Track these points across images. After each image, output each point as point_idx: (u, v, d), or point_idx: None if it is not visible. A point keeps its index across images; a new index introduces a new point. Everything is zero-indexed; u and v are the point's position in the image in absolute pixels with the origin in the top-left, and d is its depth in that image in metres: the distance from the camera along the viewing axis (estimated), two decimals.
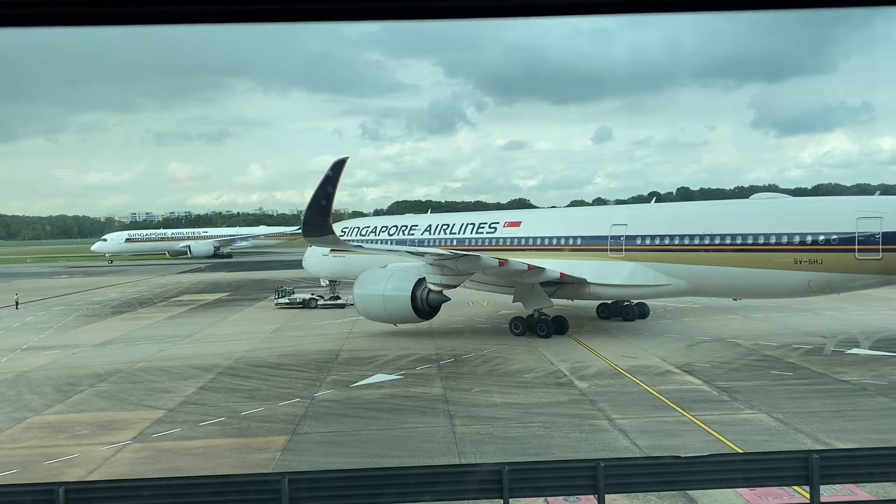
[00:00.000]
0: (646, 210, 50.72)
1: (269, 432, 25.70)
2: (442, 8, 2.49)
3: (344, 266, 53.87)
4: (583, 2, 2.49)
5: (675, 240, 39.99)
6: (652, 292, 42.05)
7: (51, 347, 44.80)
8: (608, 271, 41.61)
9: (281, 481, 14.07)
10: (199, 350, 42.46)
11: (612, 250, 41.70)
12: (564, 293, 43.78)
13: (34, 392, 32.90)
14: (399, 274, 41.44)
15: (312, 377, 34.17)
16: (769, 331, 42.63)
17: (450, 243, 48.70)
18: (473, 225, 50.00)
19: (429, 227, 52.60)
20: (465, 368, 35.09)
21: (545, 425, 25.52)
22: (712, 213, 43.14)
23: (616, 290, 42.45)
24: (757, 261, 37.00)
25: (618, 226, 42.24)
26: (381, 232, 54.85)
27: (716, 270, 38.45)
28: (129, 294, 78.27)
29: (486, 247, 47.05)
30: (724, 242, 38.11)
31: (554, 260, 42.96)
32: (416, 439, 24.56)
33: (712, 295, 44.41)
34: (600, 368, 34.05)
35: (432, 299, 40.67)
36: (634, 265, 40.90)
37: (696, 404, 27.30)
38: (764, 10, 2.57)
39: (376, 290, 41.19)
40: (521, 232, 47.18)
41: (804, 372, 32.41)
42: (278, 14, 2.49)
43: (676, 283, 40.06)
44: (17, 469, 22.52)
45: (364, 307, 42.14)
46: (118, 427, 26.93)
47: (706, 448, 21.50)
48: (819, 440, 22.93)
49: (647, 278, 40.62)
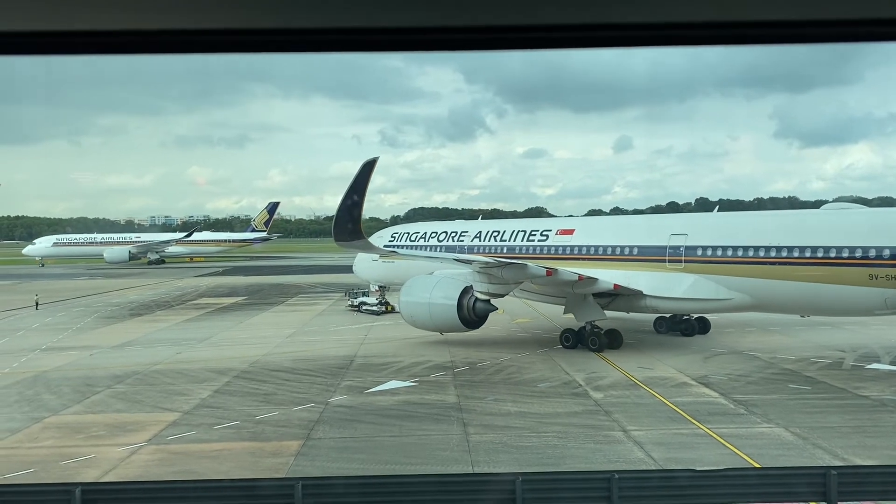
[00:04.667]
0: (707, 219, 47.72)
1: (284, 437, 25.77)
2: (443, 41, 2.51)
3: (392, 271, 52.81)
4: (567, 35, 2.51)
5: (738, 251, 37.66)
6: (713, 306, 39.85)
7: (69, 348, 45.23)
8: (666, 283, 39.60)
9: (295, 486, 14.11)
10: (215, 353, 42.71)
11: (671, 261, 39.67)
12: (619, 305, 41.59)
13: (52, 392, 33.22)
14: (445, 282, 40.38)
15: (327, 382, 34.25)
16: (787, 344, 42.21)
17: (500, 251, 47.55)
18: (525, 232, 48.51)
19: (478, 233, 51.37)
20: (480, 377, 35.03)
21: (559, 435, 25.40)
22: (780, 223, 40.61)
23: (674, 304, 40.43)
24: (828, 276, 34.48)
25: (677, 235, 40.19)
26: (431, 238, 53.73)
27: (783, 285, 36.06)
28: (148, 296, 78.91)
29: (538, 255, 45.31)
30: (793, 255, 35.64)
31: (608, 270, 41.05)
32: (430, 447, 24.53)
33: (778, 311, 41.48)
34: (616, 379, 33.87)
35: (479, 308, 39.54)
36: (695, 277, 38.78)
37: (713, 417, 27.07)
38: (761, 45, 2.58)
39: (422, 297, 40.25)
40: (574, 240, 45.41)
41: (823, 386, 32.05)
42: (289, 45, 2.52)
43: (740, 297, 37.84)
44: (34, 468, 22.71)
45: (410, 315, 41.19)
46: (134, 429, 27.12)
47: (722, 462, 21.30)
48: (837, 456, 22.65)
49: (707, 292, 38.47)
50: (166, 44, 2.49)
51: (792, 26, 2.46)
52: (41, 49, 2.51)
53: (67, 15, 2.38)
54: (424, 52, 2.59)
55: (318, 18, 2.40)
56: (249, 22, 2.42)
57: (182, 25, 2.41)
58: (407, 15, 2.39)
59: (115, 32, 2.43)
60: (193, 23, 2.41)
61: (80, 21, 2.40)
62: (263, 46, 2.52)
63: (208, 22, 2.41)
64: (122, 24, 2.42)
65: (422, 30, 2.45)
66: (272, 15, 2.40)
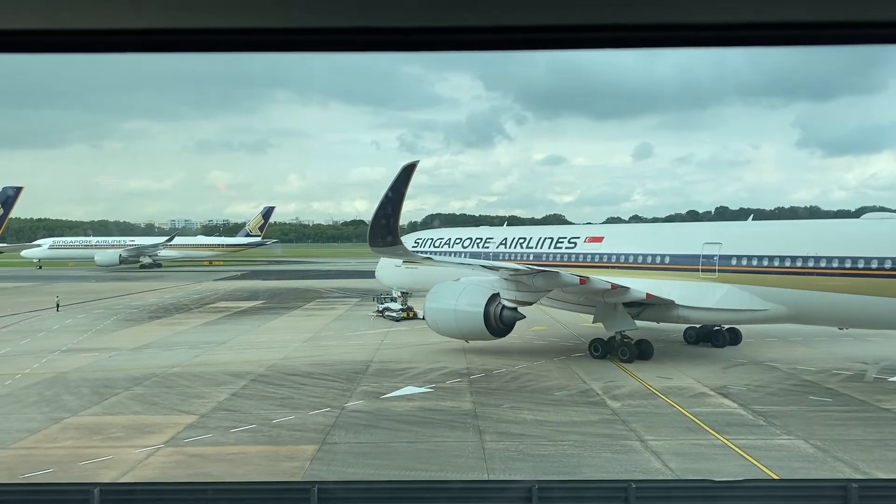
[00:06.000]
0: (742, 228, 46.59)
1: (300, 441, 25.82)
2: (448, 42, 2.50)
3: (415, 277, 52.25)
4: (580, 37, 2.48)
5: (775, 261, 36.55)
6: (747, 317, 38.64)
7: (89, 350, 45.64)
8: (699, 293, 38.55)
9: (311, 490, 14.11)
10: (232, 357, 42.92)
11: (704, 270, 38.66)
12: (649, 315, 40.62)
13: (71, 393, 33.52)
14: (472, 289, 39.61)
15: (343, 387, 34.29)
16: (808, 355, 41.71)
17: (526, 258, 46.83)
18: (552, 239, 47.53)
19: (504, 240, 50.71)
20: (496, 384, 34.91)
21: (576, 444, 25.25)
22: (819, 233, 39.35)
23: (707, 314, 39.32)
24: (871, 287, 33.29)
25: (711, 244, 39.17)
26: (455, 244, 53.05)
27: (822, 296, 34.81)
28: (167, 299, 79.50)
29: (566, 262, 44.57)
30: (833, 266, 34.45)
31: (639, 279, 40.17)
32: (445, 453, 24.47)
33: (815, 322, 40.18)
34: (633, 388, 33.62)
35: (506, 316, 38.63)
36: (728, 287, 37.74)
37: (731, 428, 26.79)
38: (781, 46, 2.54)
39: (448, 304, 39.36)
40: (603, 248, 44.39)
41: (844, 398, 31.62)
42: (295, 44, 2.52)
43: (776, 308, 36.76)
44: (53, 468, 22.91)
45: (435, 322, 40.37)
46: (151, 431, 27.29)
47: (740, 473, 21.05)
48: (859, 469, 22.33)
49: (742, 302, 37.43)
50: (168, 43, 2.50)
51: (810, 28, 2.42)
52: (42, 48, 2.53)
53: (68, 14, 2.39)
54: (437, 52, 2.58)
55: (332, 18, 2.40)
56: (263, 21, 2.42)
57: (184, 24, 2.42)
58: (419, 15, 2.39)
59: (117, 31, 2.44)
60: (200, 22, 2.41)
61: (80, 20, 2.41)
62: (281, 46, 2.52)
63: (214, 21, 2.41)
64: (123, 24, 2.43)
65: (436, 30, 2.44)
66: (288, 14, 2.40)
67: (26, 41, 2.51)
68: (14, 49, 2.53)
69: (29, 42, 2.52)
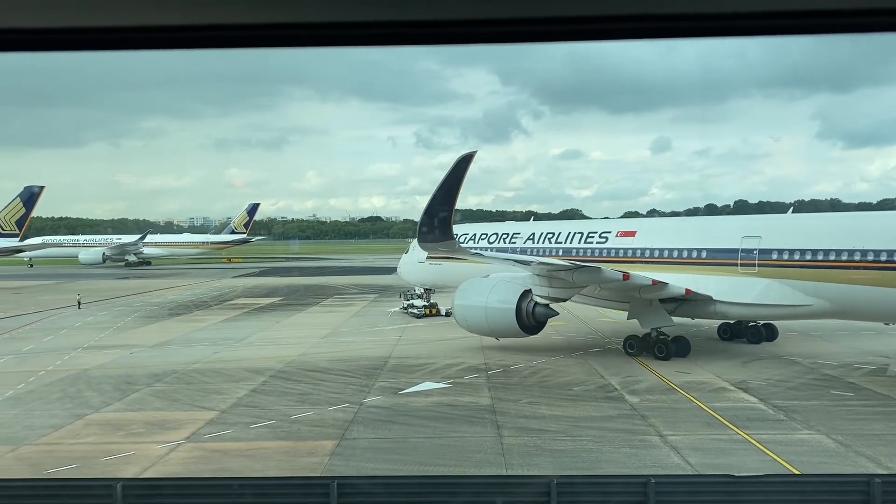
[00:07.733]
0: (782, 221, 44.78)
1: (319, 436, 25.97)
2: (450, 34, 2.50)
3: (440, 274, 51.59)
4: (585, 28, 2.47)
5: (819, 255, 35.19)
6: (788, 313, 37.26)
7: (110, 347, 46.12)
8: (737, 288, 37.33)
9: (330, 485, 14.19)
10: (251, 353, 43.21)
11: (744, 265, 37.32)
12: (685, 311, 39.48)
13: (94, 390, 33.91)
14: (503, 285, 38.79)
15: (362, 383, 34.43)
16: (829, 350, 41.32)
17: (555, 253, 45.85)
18: (582, 234, 46.43)
19: (532, 235, 49.66)
20: (514, 379, 34.90)
21: (595, 439, 25.19)
22: (863, 225, 37.81)
23: (746, 310, 38.09)
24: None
25: (750, 238, 37.76)
26: (481, 239, 51.99)
27: (868, 291, 33.39)
28: (186, 297, 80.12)
29: (596, 258, 43.13)
30: (880, 259, 33.04)
31: (675, 274, 38.89)
32: (464, 449, 24.51)
33: (860, 318, 38.73)
34: (652, 383, 33.48)
35: (539, 313, 38.01)
36: (769, 282, 36.49)
37: (751, 423, 26.62)
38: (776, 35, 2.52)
39: (478, 301, 38.58)
40: (636, 243, 43.17)
41: (866, 393, 31.31)
42: (301, 39, 2.53)
43: (819, 303, 35.50)
44: (76, 464, 23.22)
45: (464, 319, 39.67)
46: (172, 426, 27.56)
47: (761, 468, 20.94)
48: (881, 464, 22.12)
49: (783, 297, 36.16)
50: (185, 40, 2.52)
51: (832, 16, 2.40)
52: (60, 46, 2.56)
53: (85, 12, 2.42)
54: (453, 45, 2.58)
55: (347, 13, 2.41)
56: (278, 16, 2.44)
57: (200, 21, 2.44)
58: (435, 8, 2.39)
59: (134, 29, 2.47)
60: (215, 18, 2.43)
61: (97, 17, 2.44)
62: (296, 41, 2.53)
63: (230, 17, 2.43)
64: (140, 20, 2.46)
65: (452, 23, 2.44)
66: (302, 9, 2.42)
67: (43, 39, 2.54)
68: (32, 48, 2.57)
69: (46, 40, 2.55)
